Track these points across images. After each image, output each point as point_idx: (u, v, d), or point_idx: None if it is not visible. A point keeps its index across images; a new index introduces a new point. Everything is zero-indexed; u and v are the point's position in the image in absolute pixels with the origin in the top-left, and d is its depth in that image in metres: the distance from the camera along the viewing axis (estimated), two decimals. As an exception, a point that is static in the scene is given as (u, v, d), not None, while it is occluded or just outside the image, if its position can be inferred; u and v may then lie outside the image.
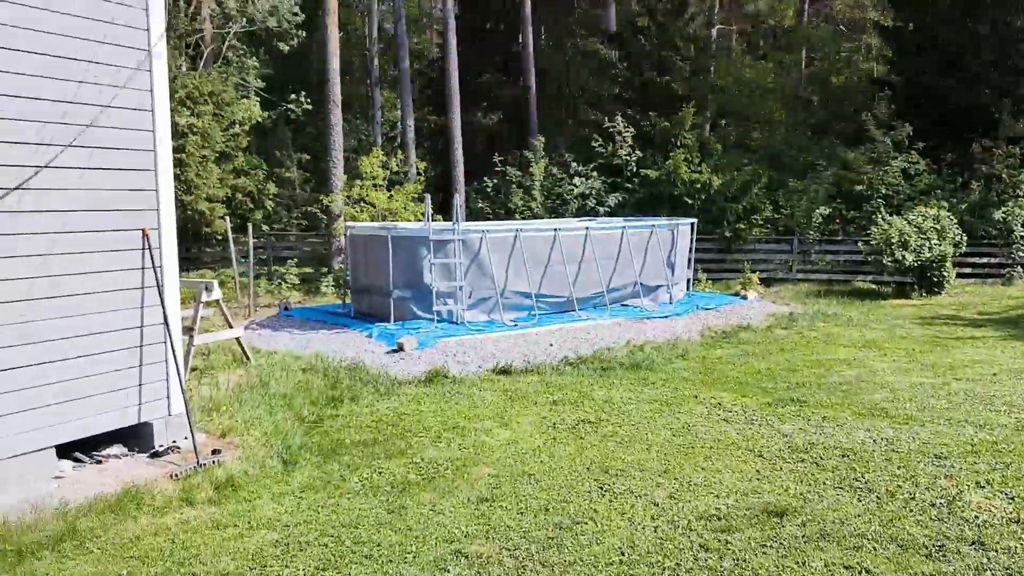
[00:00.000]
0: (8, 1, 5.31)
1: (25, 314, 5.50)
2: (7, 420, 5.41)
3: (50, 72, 5.58)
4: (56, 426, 5.73)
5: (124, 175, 6.15)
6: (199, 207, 18.14)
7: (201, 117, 17.98)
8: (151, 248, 6.33)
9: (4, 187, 5.33)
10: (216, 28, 21.42)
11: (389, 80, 32.41)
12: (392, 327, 12.22)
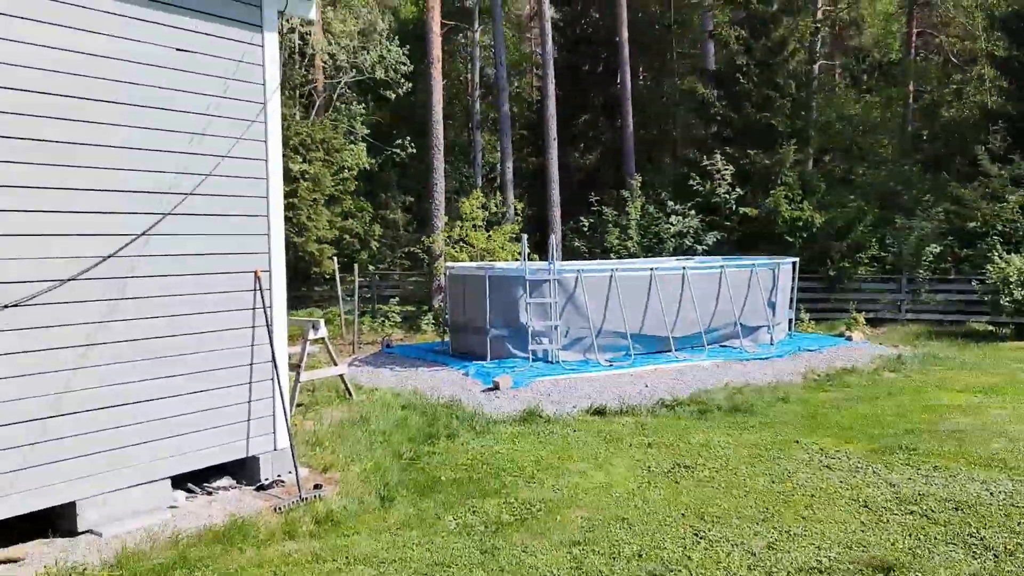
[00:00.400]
0: (144, 63, 5.78)
1: (146, 352, 5.88)
2: (130, 451, 5.77)
3: (176, 126, 6.02)
4: (172, 458, 6.06)
5: (239, 220, 6.52)
6: (309, 248, 18.95)
7: (312, 163, 18.85)
8: (262, 289, 6.67)
9: (132, 233, 5.76)
10: (327, 79, 22.48)
11: (490, 123, 33.12)
12: (488, 365, 12.38)
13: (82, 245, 5.48)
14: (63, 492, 5.41)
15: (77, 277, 5.43)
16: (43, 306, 5.27)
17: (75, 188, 5.43)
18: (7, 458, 5.11)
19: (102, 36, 5.55)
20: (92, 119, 5.50)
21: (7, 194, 5.07)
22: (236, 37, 6.41)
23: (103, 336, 5.60)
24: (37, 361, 5.24)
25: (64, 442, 5.39)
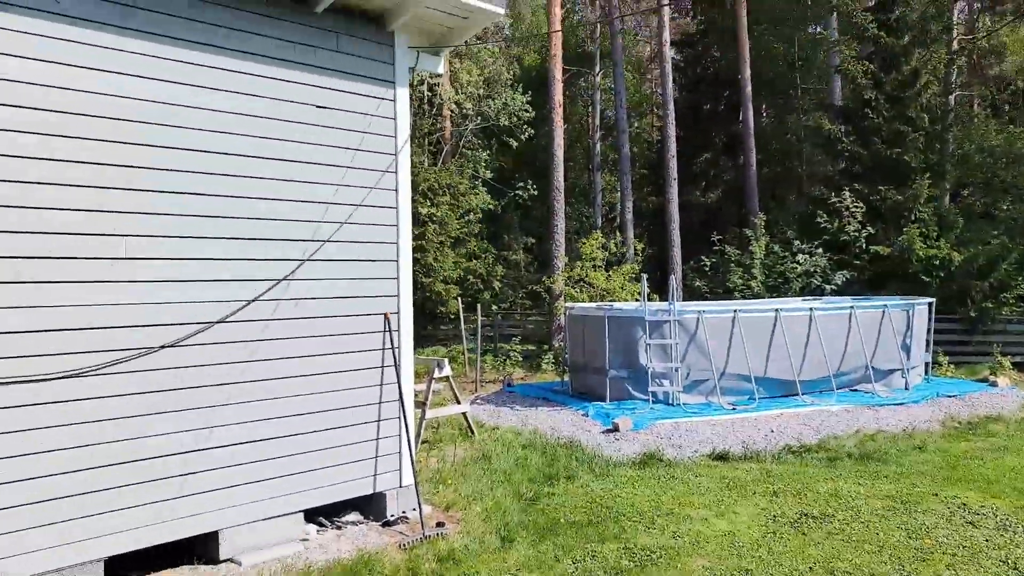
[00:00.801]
0: (288, 120, 6.25)
1: (284, 390, 6.26)
2: (268, 484, 6.13)
3: (316, 178, 6.45)
4: (306, 492, 6.39)
5: (371, 266, 6.88)
6: (436, 288, 19.57)
7: (439, 207, 19.54)
8: (391, 330, 6.99)
9: (274, 278, 6.19)
10: (454, 126, 23.30)
11: (609, 164, 33.31)
12: (608, 406, 12.36)
13: (230, 290, 5.92)
14: (209, 521, 5.80)
15: (226, 319, 5.88)
16: (195, 347, 5.72)
17: (226, 237, 5.90)
18: (164, 487, 5.55)
19: (255, 97, 6.05)
20: (244, 173, 5.99)
21: (169, 243, 5.57)
22: (370, 93, 6.83)
23: (247, 375, 6.01)
24: (190, 397, 5.69)
25: (212, 474, 5.80)
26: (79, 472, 5.15)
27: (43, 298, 5.01)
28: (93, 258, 5.22)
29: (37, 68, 4.99)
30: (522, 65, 29.69)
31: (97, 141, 5.25)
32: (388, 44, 6.93)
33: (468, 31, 7.31)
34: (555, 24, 19.27)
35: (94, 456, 5.21)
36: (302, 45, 6.37)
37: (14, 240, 4.91)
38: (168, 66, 5.57)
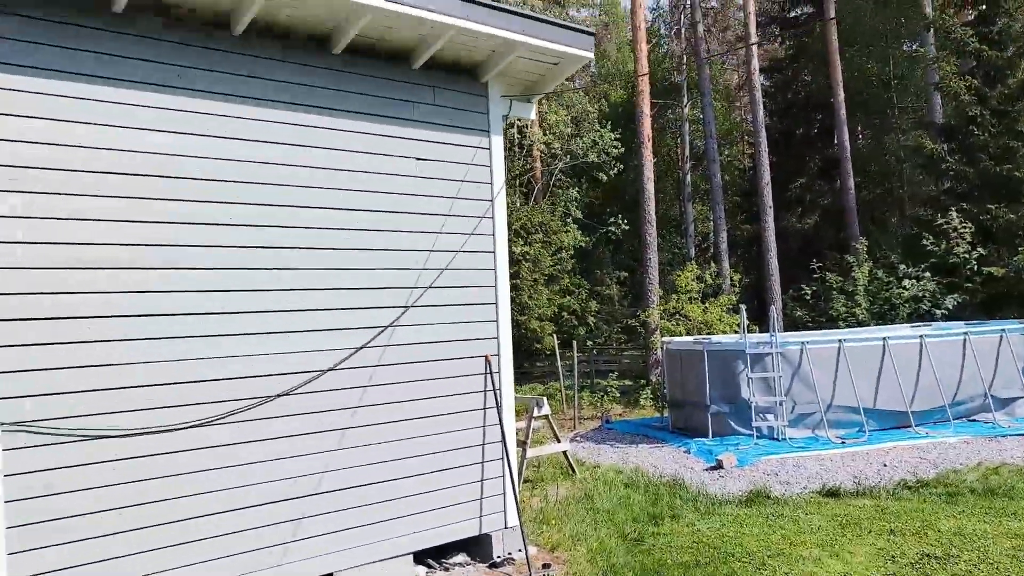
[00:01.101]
0: (391, 174, 6.53)
1: (391, 435, 6.46)
2: (377, 528, 6.31)
3: (418, 227, 6.69)
4: (414, 535, 6.53)
5: (470, 309, 7.06)
6: (531, 326, 19.74)
7: (532, 245, 19.80)
8: (491, 372, 7.13)
9: (380, 325, 6.42)
10: (544, 166, 23.61)
11: (700, 194, 33.00)
12: (710, 442, 12.16)
13: (339, 339, 6.18)
14: (322, 564, 6.00)
15: (336, 367, 6.13)
16: (309, 394, 5.99)
17: (335, 288, 6.17)
18: (281, 531, 5.79)
19: (356, 153, 6.35)
20: (349, 226, 6.27)
21: (283, 297, 5.88)
22: (467, 143, 7.06)
23: (356, 420, 6.24)
24: (304, 443, 5.94)
25: (324, 518, 6.02)
26: (201, 518, 5.43)
27: (177, 352, 5.36)
28: (217, 313, 5.56)
29: (160, 139, 5.39)
30: (609, 101, 29.89)
31: (226, 204, 5.61)
32: (482, 95, 7.17)
33: (558, 77, 7.48)
34: (641, 60, 19.37)
35: (215, 501, 5.50)
36: (400, 101, 6.65)
37: (157, 299, 5.29)
38: (278, 129, 5.92)
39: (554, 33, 6.93)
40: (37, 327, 4.83)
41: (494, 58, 6.91)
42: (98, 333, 5.05)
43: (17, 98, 4.83)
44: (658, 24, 34.62)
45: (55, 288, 4.91)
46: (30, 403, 4.79)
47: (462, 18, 6.23)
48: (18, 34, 4.84)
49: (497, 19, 6.49)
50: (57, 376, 4.89)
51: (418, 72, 6.71)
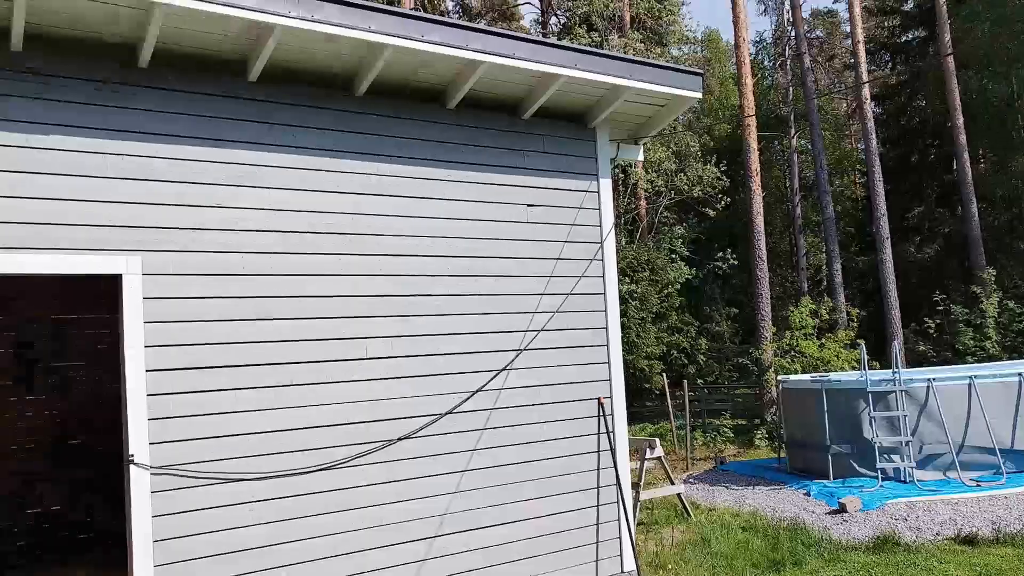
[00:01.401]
0: (503, 221, 6.70)
1: (505, 478, 6.52)
2: (497, 570, 6.36)
3: (529, 271, 6.82)
4: None
5: (582, 351, 7.10)
6: (639, 365, 19.56)
7: (639, 283, 19.69)
8: (604, 415, 7.13)
9: (495, 369, 6.55)
10: (649, 203, 23.55)
11: (812, 226, 32.08)
12: (832, 485, 11.69)
13: (456, 382, 6.34)
14: (445, 604, 6.11)
15: (453, 411, 6.28)
16: (427, 438, 6.14)
17: (451, 333, 6.35)
18: (405, 572, 5.93)
19: (470, 203, 6.55)
20: (464, 273, 6.46)
21: (401, 343, 6.09)
22: (576, 187, 7.17)
23: (473, 463, 6.35)
24: (423, 487, 6.08)
25: (442, 561, 6.12)
26: (328, 559, 5.62)
27: (307, 398, 5.62)
28: (342, 360, 5.80)
29: (284, 196, 5.72)
30: (713, 135, 29.58)
31: (348, 256, 5.89)
32: (590, 140, 7.29)
33: (666, 118, 7.53)
34: (747, 95, 19.17)
35: (341, 543, 5.68)
36: (509, 150, 6.84)
37: (289, 348, 5.58)
38: (396, 183, 6.18)
39: (661, 76, 7.00)
40: (185, 376, 5.17)
41: (601, 104, 7.03)
42: (236, 381, 5.36)
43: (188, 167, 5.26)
44: (761, 57, 34.19)
45: (200, 340, 5.25)
46: (177, 447, 5.12)
47: (570, 67, 6.38)
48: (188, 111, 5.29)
49: (604, 66, 6.62)
50: (201, 422, 5.21)
51: (527, 121, 6.89)
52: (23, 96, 4.80)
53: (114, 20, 4.85)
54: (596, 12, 19.23)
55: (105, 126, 5.04)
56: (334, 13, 5.23)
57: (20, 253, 4.71)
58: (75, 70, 4.98)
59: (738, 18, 19.50)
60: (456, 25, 6.04)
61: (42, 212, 4.79)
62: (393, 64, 5.82)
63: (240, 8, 4.86)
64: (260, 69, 5.43)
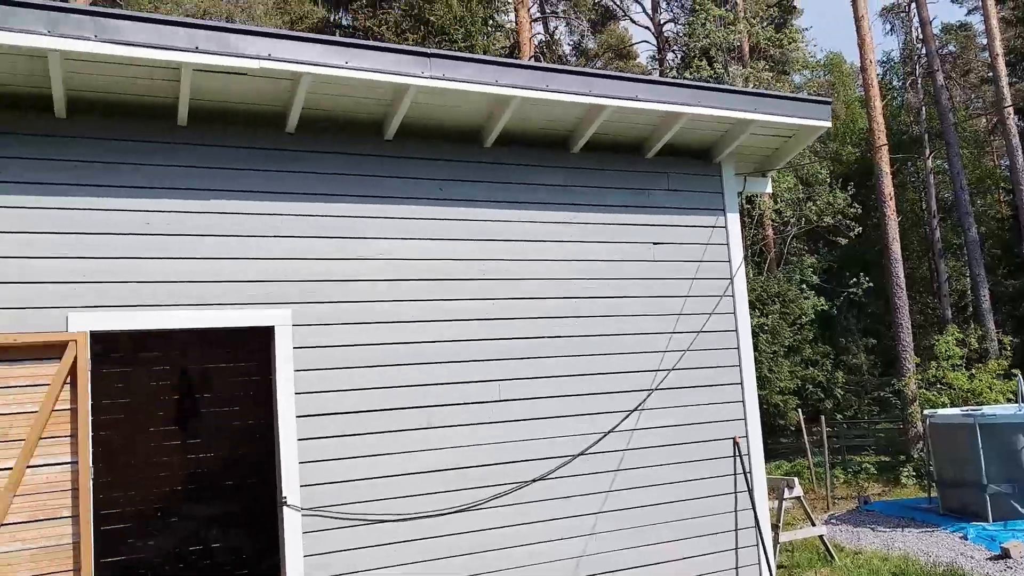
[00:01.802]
0: (628, 260, 6.73)
1: (640, 519, 6.45)
2: (635, 610, 6.31)
3: (657, 310, 6.80)
4: (671, 620, 6.45)
5: (714, 390, 6.98)
6: (772, 400, 18.94)
7: (769, 316, 19.14)
8: (740, 455, 6.96)
9: (626, 409, 6.54)
10: (776, 233, 22.95)
11: (953, 249, 30.33)
12: (990, 527, 10.91)
13: (587, 423, 6.36)
14: (583, 647, 6.08)
15: (586, 452, 6.30)
16: (561, 479, 6.18)
17: (582, 373, 6.39)
18: (542, 612, 5.96)
19: (596, 244, 6.62)
20: (591, 313, 6.51)
21: (533, 384, 6.18)
22: (702, 223, 7.12)
23: (607, 505, 6.33)
24: (558, 529, 6.11)
25: (583, 600, 6.12)
26: (469, 598, 5.73)
27: (447, 440, 5.80)
28: (477, 402, 5.95)
29: (431, 245, 5.95)
30: (841, 160, 28.58)
31: (486, 300, 6.08)
32: (715, 175, 7.24)
33: (794, 149, 7.39)
34: (876, 118, 18.49)
35: (482, 583, 5.78)
36: (634, 189, 6.88)
37: (429, 391, 5.78)
38: (522, 228, 6.33)
39: (787, 107, 6.91)
40: (332, 420, 5.44)
41: (726, 138, 6.98)
42: (380, 425, 5.60)
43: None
44: (890, 77, 32.90)
45: (347, 385, 5.52)
46: (326, 490, 5.37)
47: (692, 104, 6.40)
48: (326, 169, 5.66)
49: (727, 101, 6.60)
50: (347, 465, 5.45)
51: (650, 160, 6.92)
52: (188, 165, 5.25)
53: (267, 91, 5.25)
54: (716, 45, 19.08)
55: (262, 188, 5.45)
56: (468, 72, 5.47)
57: (187, 310, 5.12)
58: (234, 140, 5.42)
59: (863, 40, 18.91)
60: (578, 72, 6.19)
61: (207, 271, 5.21)
62: (519, 114, 5.99)
63: (379, 72, 5.16)
64: (396, 127, 5.72)
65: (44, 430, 4.56)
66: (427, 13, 16.35)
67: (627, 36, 35.94)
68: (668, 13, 34.00)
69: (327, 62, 5.04)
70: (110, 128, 5.09)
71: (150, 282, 5.05)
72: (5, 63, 4.55)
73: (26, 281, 4.74)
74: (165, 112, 5.19)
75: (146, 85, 4.97)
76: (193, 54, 4.68)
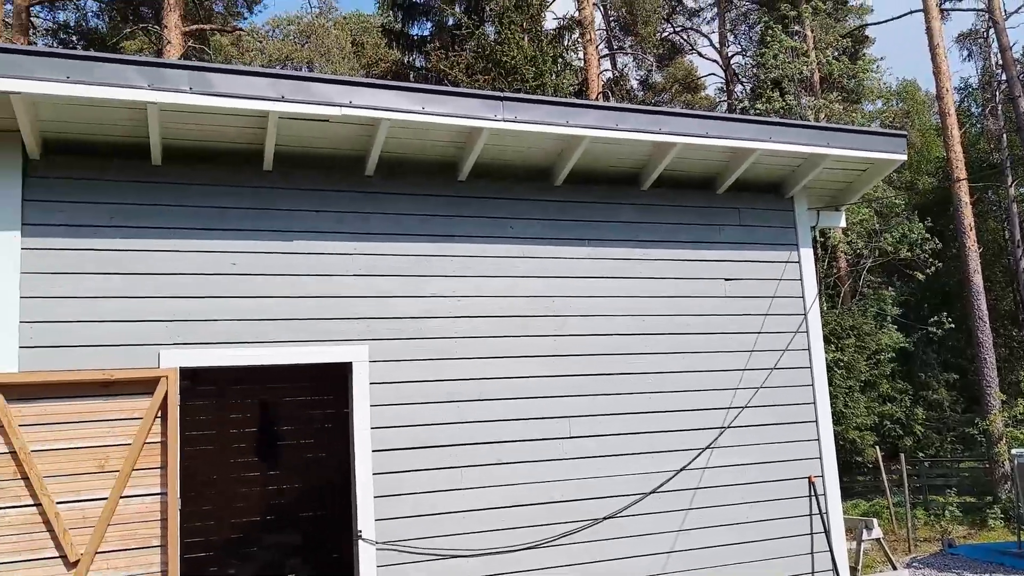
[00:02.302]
0: (697, 296, 6.71)
1: (712, 561, 6.33)
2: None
3: (730, 347, 6.73)
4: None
5: (787, 428, 6.85)
6: (848, 436, 18.40)
7: (844, 351, 18.66)
8: (816, 495, 6.81)
9: (698, 447, 6.48)
10: (850, 266, 22.44)
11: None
12: (1089, 576, 10.37)
13: (658, 461, 6.31)
14: None
15: (657, 490, 6.25)
16: (632, 517, 6.14)
17: (652, 411, 6.37)
18: (613, 653, 5.90)
19: (667, 280, 6.62)
20: (663, 350, 6.49)
21: (604, 421, 6.18)
22: (775, 258, 7.06)
23: (678, 544, 6.25)
24: (631, 568, 6.05)
25: (655, 643, 6.05)
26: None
27: (515, 475, 5.83)
28: (547, 438, 5.98)
29: (497, 284, 6.06)
30: (917, 190, 27.86)
31: (555, 337, 6.13)
32: (788, 210, 7.18)
33: (868, 183, 7.29)
34: (954, 148, 18.04)
35: (553, 621, 5.77)
36: (704, 225, 6.87)
37: (501, 427, 5.85)
38: (589, 264, 6.38)
39: (860, 141, 6.84)
40: (406, 456, 5.55)
41: (799, 173, 6.94)
42: (452, 460, 5.67)
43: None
44: (967, 104, 32.01)
45: (420, 421, 5.63)
46: (400, 524, 5.46)
47: (763, 140, 6.38)
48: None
49: (798, 136, 6.58)
50: (420, 499, 5.54)
51: (722, 196, 6.91)
52: (273, 208, 5.50)
53: (346, 135, 5.47)
54: (788, 76, 18.90)
55: (341, 228, 5.66)
56: (540, 113, 5.61)
57: (270, 346, 5.33)
58: (315, 182, 5.66)
59: (939, 69, 18.51)
60: (648, 111, 6.27)
61: (290, 309, 5.42)
62: (589, 152, 6.08)
63: (453, 116, 5.33)
64: (469, 168, 5.88)
65: (137, 462, 4.78)
66: (499, 54, 16.65)
67: (694, 69, 35.90)
68: (736, 46, 33.90)
69: (404, 107, 5.23)
70: (200, 173, 5.37)
71: (236, 320, 5.27)
72: (108, 115, 4.86)
73: (123, 320, 5.01)
74: (251, 157, 5.45)
75: (234, 132, 5.23)
76: (279, 103, 4.92)
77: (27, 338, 4.80)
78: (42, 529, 4.57)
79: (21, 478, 4.57)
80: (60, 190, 5.03)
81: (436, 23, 21.96)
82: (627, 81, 31.69)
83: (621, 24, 32.52)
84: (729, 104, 29.83)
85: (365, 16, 31.20)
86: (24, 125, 4.67)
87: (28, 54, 4.52)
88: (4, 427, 4.55)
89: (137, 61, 4.63)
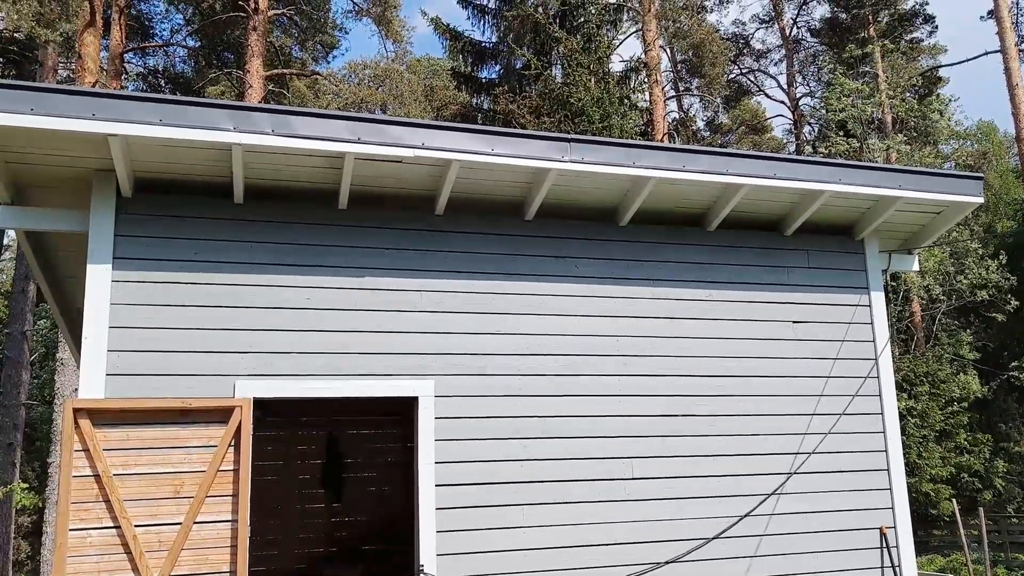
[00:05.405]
0: (765, 339, 6.63)
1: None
2: None
3: (796, 390, 6.63)
4: None
5: (858, 476, 6.67)
6: (923, 488, 17.74)
7: (918, 399, 18.08)
8: (888, 547, 6.59)
9: (763, 493, 6.36)
10: (924, 310, 21.82)
11: None
12: None
13: (723, 506, 6.22)
14: None
15: (721, 535, 6.15)
16: (695, 562, 6.04)
17: (717, 454, 6.29)
18: None
19: (734, 322, 6.57)
20: (727, 392, 6.43)
21: (666, 463, 6.13)
22: (844, 301, 6.95)
23: (745, 590, 6.13)
24: (696, 614, 5.96)
25: None
26: None
27: (578, 515, 5.83)
28: (610, 479, 5.97)
29: (555, 321, 6.12)
30: (994, 232, 27.01)
31: (616, 376, 6.15)
32: (858, 252, 7.08)
33: (942, 226, 7.15)
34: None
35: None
36: (772, 267, 6.82)
37: (565, 465, 5.87)
38: (657, 305, 6.38)
39: (933, 183, 6.72)
40: (469, 491, 5.61)
41: (869, 215, 6.86)
42: (516, 497, 5.71)
43: (452, 296, 5.91)
44: (1049, 144, 30.99)
45: (484, 457, 5.70)
46: (461, 560, 5.50)
47: (832, 182, 6.34)
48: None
49: (868, 178, 6.51)
50: (482, 536, 5.58)
51: (790, 237, 6.86)
52: (347, 245, 5.70)
53: (418, 175, 5.64)
54: (854, 117, 18.65)
55: (411, 266, 5.82)
56: (606, 155, 5.70)
57: (340, 379, 5.49)
58: (387, 221, 5.85)
59: (1019, 110, 18.07)
60: (715, 152, 6.30)
61: (360, 343, 5.58)
62: (655, 194, 6.13)
63: (521, 158, 5.46)
64: (536, 207, 5.99)
65: (210, 488, 4.94)
66: (566, 96, 16.89)
67: (761, 110, 35.70)
68: (804, 87, 33.62)
69: (474, 149, 5.39)
70: (278, 211, 5.60)
71: (309, 353, 5.45)
72: (194, 155, 5.14)
73: (202, 350, 5.24)
74: (326, 196, 5.66)
75: (311, 172, 5.46)
76: (355, 144, 5.13)
77: (114, 366, 5.04)
78: (121, 552, 4.74)
79: (103, 500, 4.77)
80: (149, 226, 5.32)
81: (504, 66, 22.44)
82: (693, 122, 31.68)
83: (688, 66, 32.62)
84: (797, 146, 29.53)
85: (435, 60, 32.01)
86: (119, 164, 4.97)
87: (125, 99, 4.82)
88: (90, 451, 4.76)
89: (224, 104, 4.90)
